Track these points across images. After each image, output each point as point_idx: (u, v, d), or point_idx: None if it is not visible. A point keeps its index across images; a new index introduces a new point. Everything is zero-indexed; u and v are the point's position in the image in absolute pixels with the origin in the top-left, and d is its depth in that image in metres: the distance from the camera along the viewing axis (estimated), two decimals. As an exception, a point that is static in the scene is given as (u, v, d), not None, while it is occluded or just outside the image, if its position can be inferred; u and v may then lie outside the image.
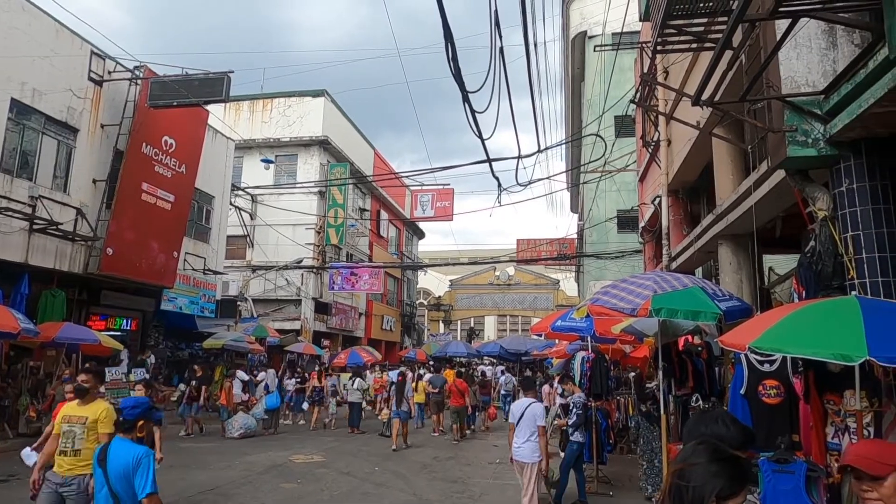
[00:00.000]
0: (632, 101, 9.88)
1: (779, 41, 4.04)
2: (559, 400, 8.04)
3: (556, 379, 13.34)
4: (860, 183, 4.48)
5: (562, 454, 8.51)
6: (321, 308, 24.60)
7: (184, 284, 16.95)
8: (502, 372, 22.84)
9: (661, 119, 10.35)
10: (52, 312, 12.54)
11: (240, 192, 22.78)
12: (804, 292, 4.91)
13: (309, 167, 24.44)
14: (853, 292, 4.31)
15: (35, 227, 11.89)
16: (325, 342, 24.46)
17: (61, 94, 12.62)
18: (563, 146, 26.48)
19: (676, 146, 9.89)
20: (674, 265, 10.27)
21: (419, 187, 28.96)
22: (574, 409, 7.77)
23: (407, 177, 25.05)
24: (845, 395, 4.31)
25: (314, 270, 23.83)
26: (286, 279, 23.57)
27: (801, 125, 4.65)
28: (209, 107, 16.08)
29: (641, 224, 13.54)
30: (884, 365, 3.30)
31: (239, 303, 21.81)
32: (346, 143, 26.54)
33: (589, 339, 9.93)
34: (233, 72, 12.66)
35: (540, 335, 20.13)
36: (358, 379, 15.31)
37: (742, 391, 5.15)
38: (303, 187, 23.26)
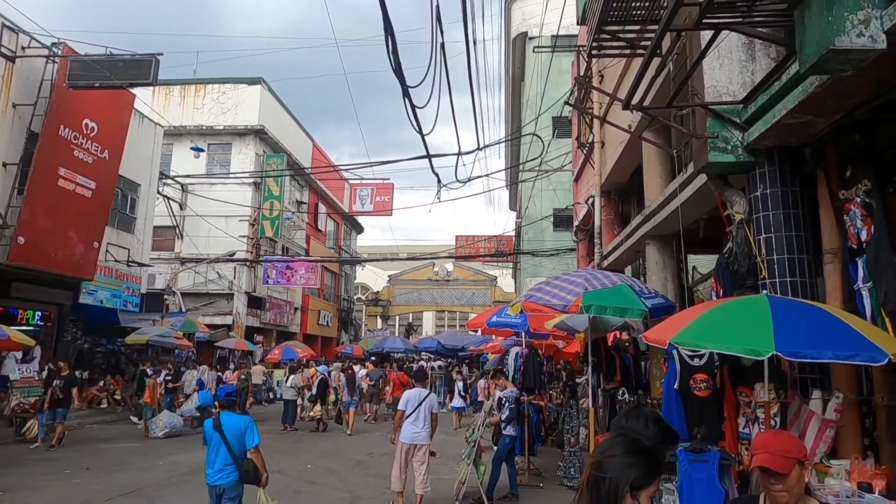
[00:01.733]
0: (567, 104, 10.13)
1: (702, 51, 4.24)
2: (498, 394, 8.18)
3: (490, 374, 13.55)
4: (773, 189, 4.77)
5: (494, 448, 8.66)
6: (254, 303, 23.90)
7: (105, 277, 16.05)
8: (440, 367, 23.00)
9: (596, 121, 10.67)
10: (-47, 305, 11.59)
11: (169, 181, 21.76)
12: (721, 291, 5.20)
13: (244, 157, 23.64)
14: (764, 291, 4.59)
15: (-66, 212, 10.94)
16: (259, 338, 23.82)
17: (-33, 69, 11.64)
18: (503, 144, 26.86)
19: (609, 148, 10.23)
20: (605, 263, 10.63)
21: (358, 181, 28.67)
22: (506, 404, 7.91)
23: (346, 170, 24.71)
24: (756, 388, 4.60)
25: (248, 264, 23.10)
26: (218, 272, 22.73)
27: (722, 132, 4.90)
28: (136, 90, 15.25)
29: (575, 223, 13.94)
30: (789, 359, 3.54)
31: (166, 296, 20.87)
32: (284, 133, 25.84)
33: (523, 334, 10.13)
34: (161, 54, 12.05)
35: (476, 331, 20.40)
36: (293, 376, 15.00)
37: (675, 385, 5.39)
38: (237, 178, 22.46)
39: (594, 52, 6.00)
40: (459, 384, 15.68)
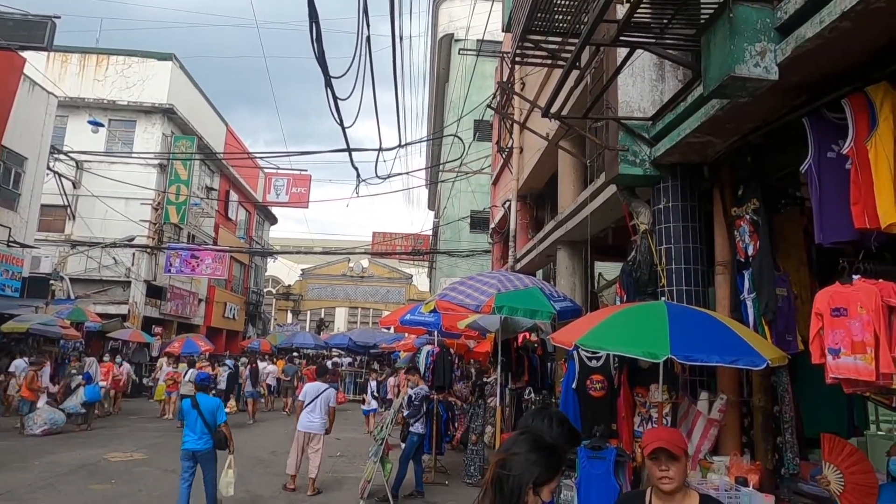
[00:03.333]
0: (489, 107, 10.31)
1: (618, 67, 4.44)
2: (409, 391, 8.20)
3: (403, 372, 13.54)
4: (675, 202, 5.09)
5: (402, 445, 8.65)
6: (154, 292, 22.45)
7: (-20, 257, 14.52)
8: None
9: (516, 127, 10.93)
10: None
11: (61, 157, 19.98)
12: (625, 296, 5.48)
13: (149, 136, 22.13)
14: (663, 298, 4.89)
15: None
16: (157, 329, 22.39)
17: None
18: (424, 143, 26.95)
19: (528, 154, 10.51)
20: (518, 266, 10.92)
21: (274, 170, 27.73)
22: (413, 401, 7.93)
23: (262, 158, 23.77)
24: (651, 389, 4.89)
25: (148, 250, 21.66)
26: (114, 258, 21.14)
27: (632, 146, 5.17)
28: (28, 54, 13.90)
29: (492, 225, 14.22)
30: (682, 362, 3.78)
31: (52, 281, 19.14)
32: (195, 114, 24.46)
33: (436, 333, 10.20)
34: (59, 17, 11.06)
35: (389, 328, 20.32)
36: (191, 370, 14.24)
37: (573, 385, 5.62)
38: (140, 158, 21.01)
39: (517, 59, 6.13)
40: (373, 384, 14.12)
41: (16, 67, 14.22)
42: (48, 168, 18.34)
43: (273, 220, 39.37)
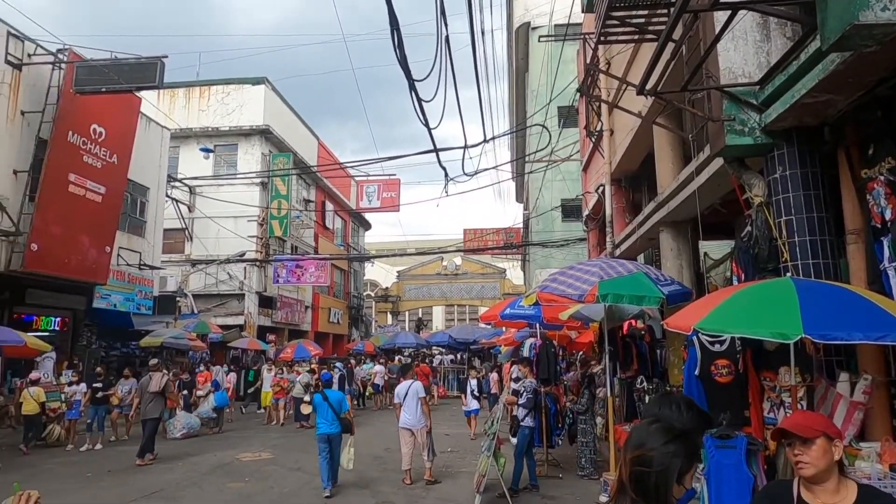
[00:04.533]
0: (578, 91, 10.04)
1: (718, 33, 4.17)
2: (513, 385, 8.22)
3: (509, 365, 13.52)
4: (792, 170, 4.70)
5: (513, 440, 8.64)
6: (266, 302, 23.98)
7: (118, 281, 16.14)
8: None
9: (605, 109, 10.58)
10: (-30, 313, 11.69)
11: (177, 184, 21.83)
12: (743, 275, 5.14)
13: (250, 157, 23.67)
14: (787, 274, 4.54)
15: (-52, 221, 11.01)
16: (271, 337, 23.88)
17: (-25, 78, 11.70)
18: (509, 136, 26.75)
19: (619, 136, 10.14)
20: (617, 252, 10.57)
21: (365, 178, 28.62)
22: (524, 393, 7.89)
23: (352, 167, 24.67)
24: (780, 372, 4.55)
25: (257, 264, 23.17)
26: (228, 273, 22.81)
27: (739, 115, 4.83)
28: (142, 94, 15.29)
29: (585, 212, 13.86)
30: (816, 341, 3.49)
31: (178, 298, 20.97)
32: (289, 132, 25.84)
33: (538, 325, 10.10)
34: (166, 56, 12.05)
35: (489, 324, 20.41)
36: (303, 373, 15.07)
37: (696, 372, 5.34)
38: (244, 178, 22.51)
39: (602, 38, 5.94)
40: (473, 382, 12.77)
41: (134, 107, 15.69)
42: (167, 195, 20.08)
43: (367, 225, 40.73)
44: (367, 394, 19.45)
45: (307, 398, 14.81)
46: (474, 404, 12.52)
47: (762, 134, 4.76)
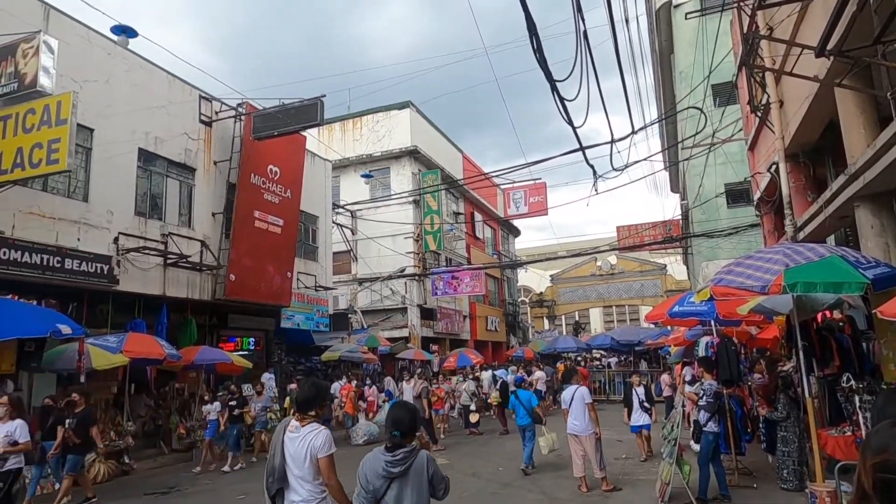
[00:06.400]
0: (744, 64, 9.19)
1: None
2: (687, 388, 7.67)
3: (680, 366, 12.68)
4: None
5: (694, 446, 8.08)
6: (426, 314, 25.08)
7: (299, 302, 17.91)
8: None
9: (770, 79, 9.56)
10: (188, 338, 13.74)
11: (340, 210, 23.79)
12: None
13: (402, 178, 25.06)
14: None
15: (168, 261, 13.07)
16: (434, 347, 24.91)
17: (178, 138, 13.82)
18: (657, 125, 25.26)
19: (791, 106, 9.09)
20: (801, 235, 9.43)
21: (510, 185, 28.83)
22: (704, 396, 7.34)
23: (497, 176, 24.96)
24: None
25: (417, 278, 24.36)
26: (391, 289, 24.27)
27: (952, 60, 4.09)
28: (306, 132, 16.93)
29: (756, 195, 12.57)
30: None
31: (349, 315, 22.73)
32: (435, 149, 26.93)
33: (712, 322, 9.37)
34: (325, 96, 13.21)
35: (655, 323, 19.33)
36: (468, 381, 15.48)
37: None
38: (398, 198, 23.89)
39: (762, 2, 5.39)
40: (640, 391, 10.13)
41: (300, 145, 17.43)
42: (333, 222, 21.96)
43: (516, 232, 40.87)
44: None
45: (473, 406, 15.20)
46: (643, 418, 9.97)
47: None
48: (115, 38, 12.73)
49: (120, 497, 9.18)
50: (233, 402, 11.42)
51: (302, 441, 3.63)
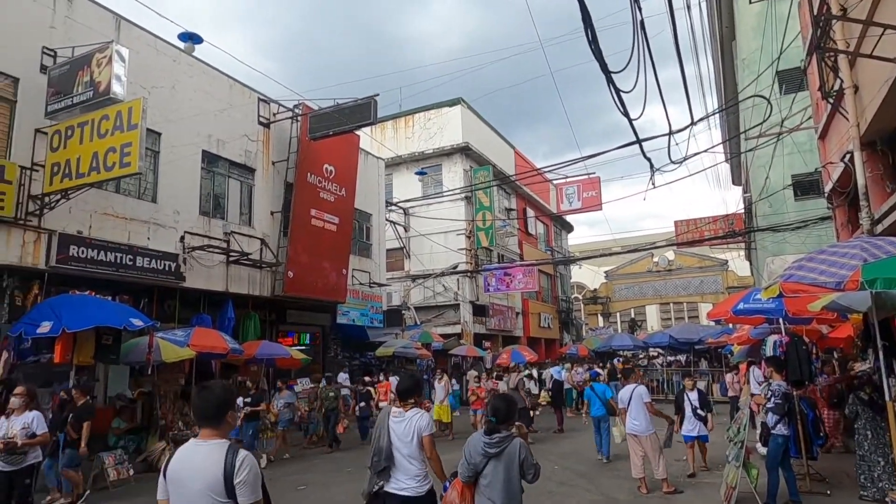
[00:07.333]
0: (814, 48, 8.71)
1: None
2: (755, 388, 7.34)
3: (745, 366, 12.19)
4: None
5: (761, 449, 7.74)
6: (479, 311, 25.07)
7: (354, 298, 18.23)
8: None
9: (843, 63, 9.01)
10: (250, 332, 14.21)
11: (393, 207, 24.06)
12: None
13: (453, 175, 25.10)
14: None
15: (230, 259, 13.57)
16: (486, 343, 24.87)
17: (239, 140, 14.31)
18: (719, 115, 24.26)
19: (867, 91, 8.54)
20: (878, 229, 8.85)
21: (563, 180, 28.38)
22: (773, 398, 7.01)
23: (550, 171, 24.65)
24: None
25: (469, 274, 24.37)
26: (443, 285, 24.39)
27: None
28: (359, 131, 17.20)
29: (828, 187, 11.89)
30: None
31: (403, 311, 22.97)
32: (486, 146, 26.85)
33: (780, 320, 8.94)
34: (378, 95, 13.38)
35: (717, 321, 18.63)
36: (522, 378, 15.34)
37: None
38: (450, 195, 23.95)
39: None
40: (693, 396, 8.86)
41: (354, 144, 17.73)
42: (386, 219, 22.24)
43: (569, 228, 40.27)
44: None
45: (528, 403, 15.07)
46: (697, 427, 8.76)
47: None
48: (181, 44, 13.31)
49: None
50: (247, 399, 11.03)
51: (408, 423, 4.17)
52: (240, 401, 10.74)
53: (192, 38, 13.40)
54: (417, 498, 4.08)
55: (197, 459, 2.59)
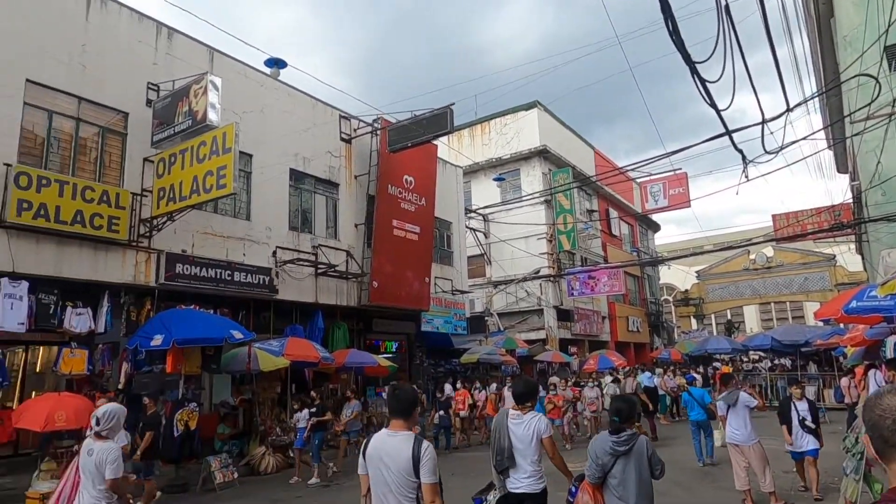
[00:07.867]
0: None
1: None
2: (873, 387, 6.69)
3: (861, 370, 11.15)
4: None
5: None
6: (563, 315, 24.60)
7: (437, 306, 18.44)
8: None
9: (965, 32, 8.11)
10: (339, 342, 14.72)
11: (472, 214, 24.17)
12: None
13: (532, 178, 24.88)
14: None
15: (318, 271, 14.15)
16: (572, 349, 24.35)
17: (323, 157, 14.94)
18: (817, 99, 22.48)
19: None
20: None
21: (647, 178, 27.37)
22: None
23: (632, 169, 23.84)
24: None
25: (551, 279, 24.00)
26: (526, 291, 24.16)
27: None
28: (437, 140, 17.44)
29: (952, 169, 10.71)
30: None
31: (486, 318, 22.97)
32: (565, 147, 26.42)
33: (901, 319, 8.14)
34: (454, 104, 13.52)
35: (826, 321, 17.23)
36: (610, 383, 14.91)
37: None
38: (529, 199, 23.74)
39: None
40: (801, 406, 7.83)
41: (432, 154, 18.00)
42: (466, 226, 22.37)
43: (656, 227, 38.76)
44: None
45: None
46: (807, 441, 7.65)
47: None
48: (268, 70, 14.10)
49: (284, 488, 10.02)
50: (313, 409, 10.75)
51: (527, 425, 4.41)
52: (305, 412, 10.69)
53: (277, 64, 14.17)
54: (535, 494, 4.34)
55: (391, 446, 3.23)
